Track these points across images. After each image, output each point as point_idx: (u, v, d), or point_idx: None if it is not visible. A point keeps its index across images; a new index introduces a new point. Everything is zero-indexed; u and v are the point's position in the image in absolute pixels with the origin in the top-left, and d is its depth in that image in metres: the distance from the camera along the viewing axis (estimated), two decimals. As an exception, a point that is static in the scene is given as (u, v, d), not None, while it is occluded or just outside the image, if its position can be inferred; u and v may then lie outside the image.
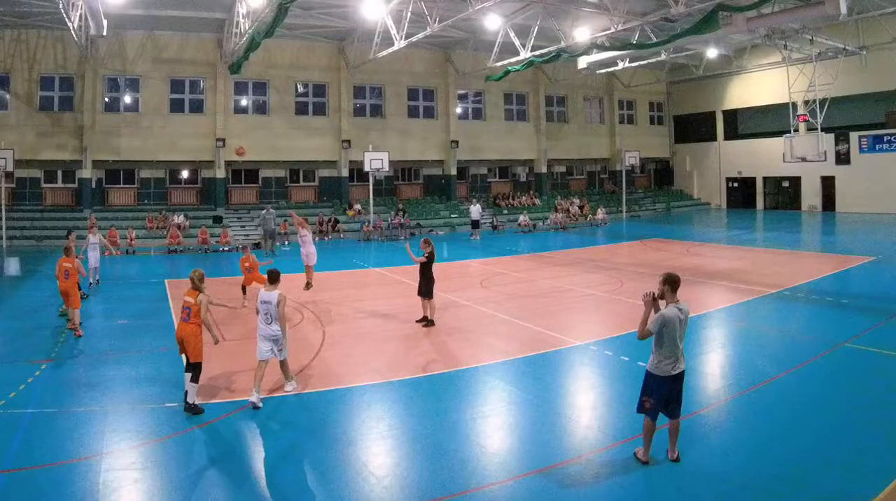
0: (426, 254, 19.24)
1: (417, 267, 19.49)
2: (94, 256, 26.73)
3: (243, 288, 22.87)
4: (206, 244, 39.57)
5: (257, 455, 10.87)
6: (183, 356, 13.00)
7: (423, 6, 34.12)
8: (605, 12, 33.77)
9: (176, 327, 13.92)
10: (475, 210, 44.64)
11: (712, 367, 15.20)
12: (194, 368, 12.59)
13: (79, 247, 24.33)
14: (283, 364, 13.55)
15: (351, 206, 48.41)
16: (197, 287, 12.96)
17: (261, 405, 12.60)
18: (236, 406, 12.71)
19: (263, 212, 39.35)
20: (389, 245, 41.75)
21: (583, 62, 49.70)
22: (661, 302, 9.95)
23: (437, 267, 19.57)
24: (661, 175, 65.80)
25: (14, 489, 9.47)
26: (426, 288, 19.27)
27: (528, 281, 26.93)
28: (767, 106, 55.62)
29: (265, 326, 13.11)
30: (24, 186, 44.28)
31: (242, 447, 11.13)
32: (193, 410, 12.30)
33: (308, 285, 23.56)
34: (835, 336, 17.28)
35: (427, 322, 19.33)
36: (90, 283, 25.81)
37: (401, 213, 46.75)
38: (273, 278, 13.51)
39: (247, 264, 22.72)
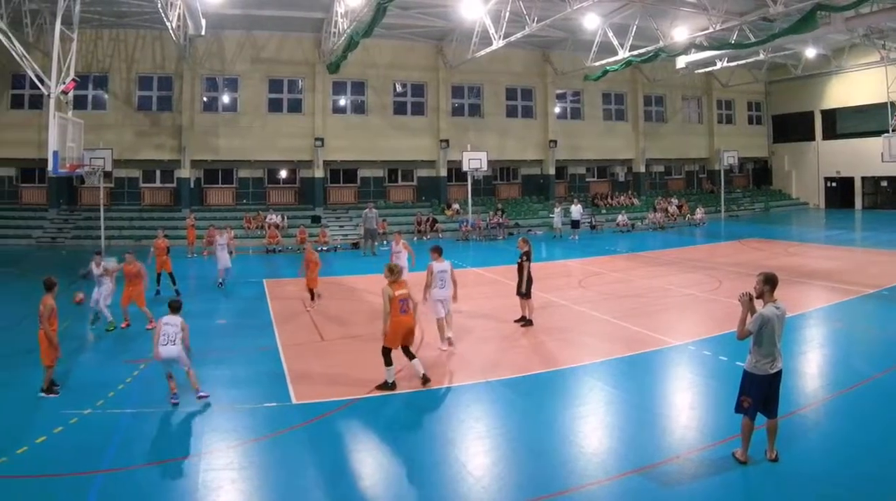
0: (523, 254, 18.15)
1: (515, 267, 18.40)
2: (223, 257, 25.01)
3: (311, 292, 21.35)
4: (304, 244, 34.56)
5: (355, 454, 10.41)
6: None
7: (522, 6, 31.94)
8: (704, 12, 31.98)
9: (393, 321, 12.78)
10: (576, 210, 41.89)
11: (810, 367, 14.47)
12: (410, 353, 13.09)
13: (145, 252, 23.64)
14: (446, 318, 15.73)
15: (449, 206, 45.59)
16: (398, 276, 13.08)
17: (446, 347, 15.32)
18: (336, 405, 12.10)
19: (365, 210, 36.65)
20: (488, 244, 39.48)
21: (681, 62, 46.26)
22: (758, 302, 9.44)
23: (535, 267, 18.91)
24: (759, 174, 61.72)
25: (113, 489, 8.99)
26: (525, 287, 18.08)
27: (626, 281, 25.55)
28: (866, 105, 51.53)
29: (439, 290, 15.54)
30: (122, 186, 42.32)
31: (340, 446, 10.60)
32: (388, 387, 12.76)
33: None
34: (937, 336, 16.85)
35: (525, 321, 18.20)
36: (219, 283, 24.70)
37: (499, 213, 43.45)
38: (441, 251, 16.09)
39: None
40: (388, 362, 12.90)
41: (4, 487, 9.02)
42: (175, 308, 12.84)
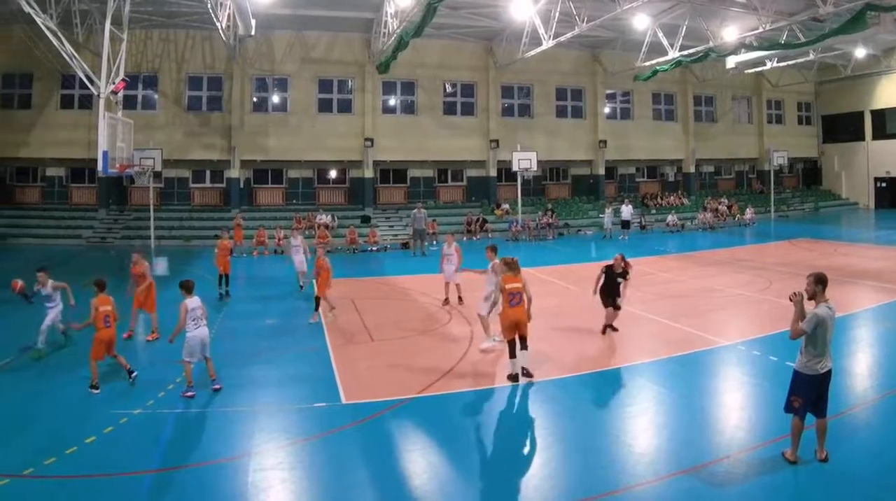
0: (621, 272, 16.63)
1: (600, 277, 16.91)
2: (298, 260, 23.75)
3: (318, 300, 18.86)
4: (354, 244, 35.53)
5: (405, 455, 10.02)
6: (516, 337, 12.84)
7: (572, 6, 31.00)
8: (753, 12, 31.23)
9: (504, 313, 12.96)
10: (626, 210, 40.36)
11: (860, 367, 13.97)
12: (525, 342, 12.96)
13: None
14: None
15: (499, 206, 43.86)
16: (517, 271, 13.27)
17: (487, 346, 14.79)
18: (385, 405, 11.71)
19: (414, 211, 35.24)
20: (538, 244, 38.22)
21: (731, 62, 44.97)
22: (810, 303, 9.16)
23: (585, 267, 19.42)
24: (809, 174, 59.59)
25: (163, 489, 8.83)
26: (613, 297, 16.60)
27: (676, 281, 24.74)
28: (917, 106, 49.59)
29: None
30: (172, 186, 41.50)
31: (390, 446, 10.24)
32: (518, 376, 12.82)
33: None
34: None
35: (612, 328, 16.84)
36: (301, 286, 23.58)
37: (549, 213, 41.87)
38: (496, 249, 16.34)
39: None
40: (513, 354, 12.83)
41: (54, 487, 8.75)
42: (190, 288, 12.62)
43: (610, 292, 16.36)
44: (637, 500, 8.48)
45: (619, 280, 16.38)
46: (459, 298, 20.54)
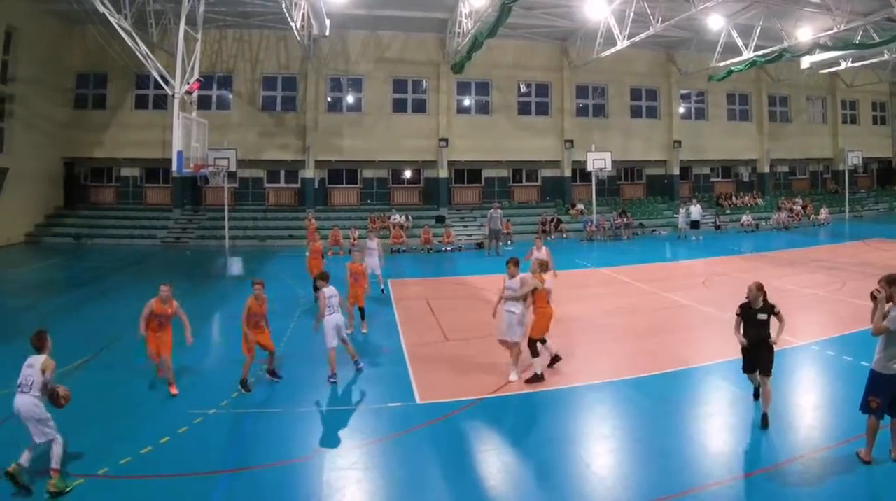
0: (761, 304, 10.71)
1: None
2: (372, 263, 21.26)
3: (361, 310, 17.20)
4: (428, 244, 34.17)
5: (479, 454, 9.71)
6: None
7: (646, 6, 30.01)
8: (828, 12, 30.11)
9: (542, 312, 12.76)
10: (695, 210, 38.51)
11: None
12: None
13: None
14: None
15: (573, 206, 41.92)
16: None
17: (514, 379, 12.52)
18: (460, 405, 11.36)
19: (490, 211, 33.52)
20: (612, 244, 36.70)
21: (805, 62, 42.94)
22: (887, 305, 8.59)
23: (658, 268, 18.34)
24: (883, 174, 56.77)
25: (237, 488, 8.56)
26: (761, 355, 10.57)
27: (749, 281, 22.06)
28: None
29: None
30: (246, 186, 39.82)
31: (464, 445, 9.91)
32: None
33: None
34: None
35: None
36: (381, 290, 21.86)
37: (623, 214, 40.04)
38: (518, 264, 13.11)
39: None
40: (535, 353, 12.41)
41: (129, 487, 8.47)
42: (327, 278, 13.31)
43: (755, 343, 10.54)
44: (712, 499, 8.19)
45: (761, 316, 10.60)
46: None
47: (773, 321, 10.55)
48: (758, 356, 10.43)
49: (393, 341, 15.75)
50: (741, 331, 10.67)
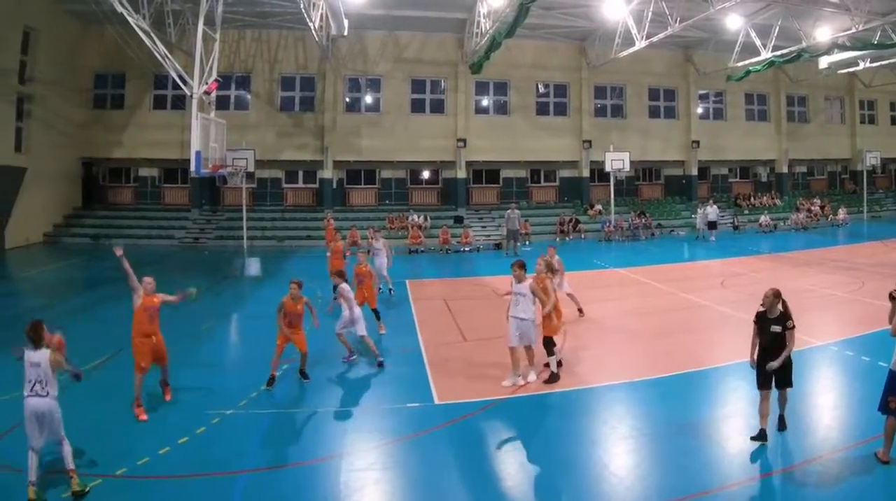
0: (779, 313, 9.71)
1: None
2: (380, 262, 21.52)
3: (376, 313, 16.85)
4: (447, 244, 33.69)
5: (498, 455, 9.60)
6: None
7: (664, 6, 29.69)
8: (846, 12, 29.71)
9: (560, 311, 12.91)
10: (711, 211, 38.13)
11: None
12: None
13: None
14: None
15: (591, 206, 41.37)
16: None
17: (509, 384, 12.11)
18: (478, 406, 11.21)
19: (508, 211, 33.30)
20: (631, 245, 36.40)
21: (824, 62, 42.44)
22: None
23: (676, 268, 18.16)
24: (902, 175, 55.27)
25: (255, 489, 8.45)
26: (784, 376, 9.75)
27: (767, 282, 21.95)
28: None
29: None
30: (264, 186, 39.38)
31: (483, 446, 9.81)
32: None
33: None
34: None
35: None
36: (389, 290, 21.71)
37: (641, 214, 39.73)
38: (525, 267, 12.55)
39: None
40: (551, 352, 12.29)
41: (147, 487, 8.37)
42: (343, 275, 13.81)
43: (768, 357, 9.65)
44: (732, 500, 8.07)
45: (775, 328, 9.62)
46: (580, 310, 18.06)
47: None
48: (769, 381, 9.63)
49: (411, 341, 15.58)
50: (755, 348, 9.75)
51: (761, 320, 9.70)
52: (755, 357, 9.68)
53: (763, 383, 9.62)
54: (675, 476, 8.73)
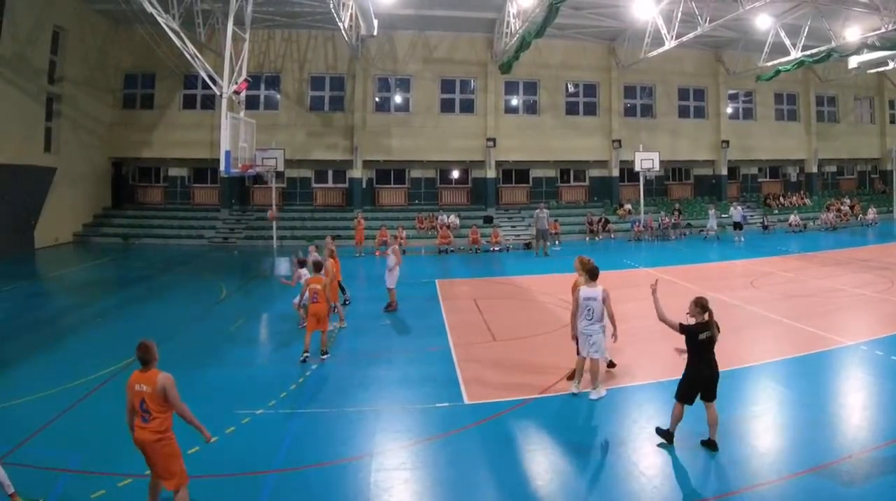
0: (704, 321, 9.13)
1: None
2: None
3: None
4: (476, 244, 32.66)
5: (527, 455, 9.28)
6: None
7: (694, 6, 29.08)
8: (876, 12, 28.58)
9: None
10: (736, 212, 37.29)
11: None
12: None
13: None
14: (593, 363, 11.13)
15: (621, 206, 40.36)
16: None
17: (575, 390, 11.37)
18: (508, 405, 10.91)
19: (537, 211, 32.15)
20: (660, 245, 35.28)
21: (853, 62, 40.71)
22: None
23: (706, 268, 18.31)
24: (931, 175, 53.48)
25: (285, 489, 8.28)
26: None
27: (797, 282, 23.27)
28: None
29: (587, 323, 11.11)
30: (294, 186, 38.42)
31: (512, 446, 9.48)
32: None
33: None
34: None
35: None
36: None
37: (676, 214, 38.59)
38: (595, 274, 11.54)
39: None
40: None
41: None
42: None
43: (699, 373, 9.04)
44: (760, 500, 7.80)
45: (702, 336, 9.11)
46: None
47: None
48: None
49: (441, 341, 15.25)
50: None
51: (690, 332, 9.24)
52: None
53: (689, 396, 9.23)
54: (705, 475, 8.60)
